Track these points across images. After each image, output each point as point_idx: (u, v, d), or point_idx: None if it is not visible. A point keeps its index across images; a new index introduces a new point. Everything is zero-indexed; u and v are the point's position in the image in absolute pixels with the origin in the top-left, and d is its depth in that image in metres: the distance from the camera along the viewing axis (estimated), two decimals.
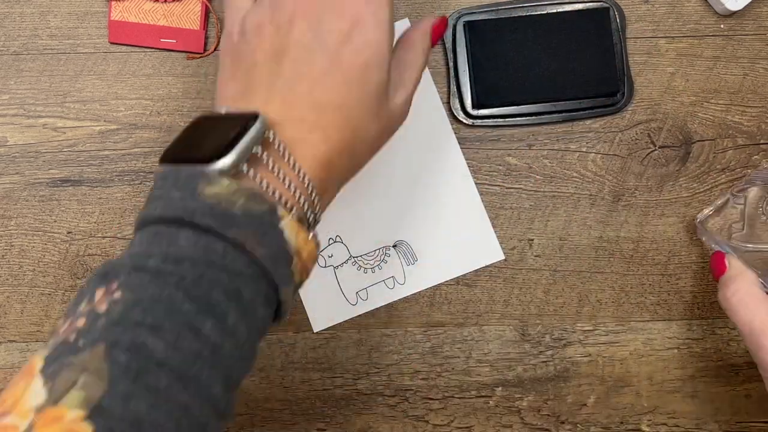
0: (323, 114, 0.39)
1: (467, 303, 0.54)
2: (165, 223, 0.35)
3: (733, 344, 0.54)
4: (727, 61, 0.54)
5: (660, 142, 0.54)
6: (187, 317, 0.33)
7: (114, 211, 0.53)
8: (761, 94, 0.54)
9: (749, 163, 0.54)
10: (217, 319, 0.33)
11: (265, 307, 0.36)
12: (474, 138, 0.53)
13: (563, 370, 0.54)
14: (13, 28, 0.53)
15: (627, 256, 0.54)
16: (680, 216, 0.54)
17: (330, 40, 0.39)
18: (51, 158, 0.52)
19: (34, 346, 0.52)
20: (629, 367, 0.54)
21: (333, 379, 0.53)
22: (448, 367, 0.53)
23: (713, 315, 0.54)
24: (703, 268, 0.54)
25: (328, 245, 0.53)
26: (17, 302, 0.52)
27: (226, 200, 0.35)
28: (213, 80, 0.53)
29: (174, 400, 0.31)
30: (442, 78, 0.53)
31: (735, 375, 0.54)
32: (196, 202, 0.35)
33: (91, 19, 0.53)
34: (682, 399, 0.54)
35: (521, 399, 0.53)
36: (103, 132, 0.53)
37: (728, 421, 0.54)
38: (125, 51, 0.53)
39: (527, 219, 0.54)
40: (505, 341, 0.54)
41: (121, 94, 0.53)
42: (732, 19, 0.54)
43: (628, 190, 0.54)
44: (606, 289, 0.54)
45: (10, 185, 0.52)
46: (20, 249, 0.52)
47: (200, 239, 0.34)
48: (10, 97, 0.52)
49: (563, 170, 0.54)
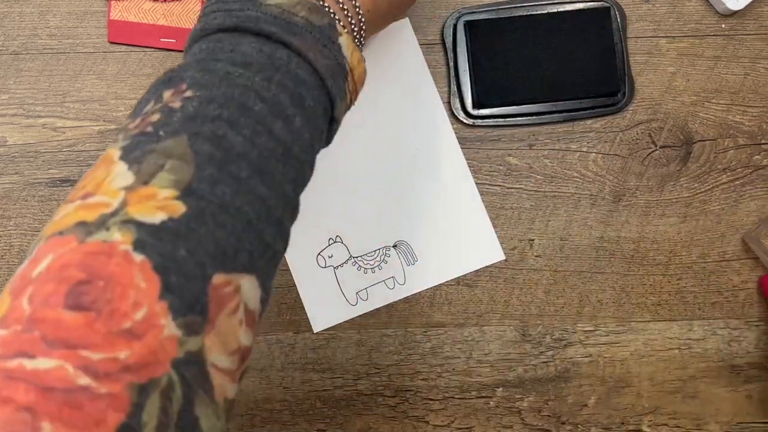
0: None
1: (468, 303, 0.53)
2: (226, 31, 0.36)
3: (734, 345, 0.54)
4: (728, 61, 0.54)
5: (661, 142, 0.54)
6: (260, 116, 0.33)
7: None
8: (762, 94, 0.54)
9: (750, 163, 0.54)
10: (286, 121, 0.34)
11: (323, 118, 0.37)
12: (474, 138, 0.53)
13: (564, 370, 0.53)
14: (12, 27, 0.52)
15: (628, 256, 0.54)
16: (681, 216, 0.54)
17: None
18: (50, 158, 0.52)
19: None
20: (630, 367, 0.54)
21: (333, 379, 0.53)
22: (448, 368, 0.53)
23: (714, 315, 0.54)
24: (704, 268, 0.54)
25: (328, 245, 0.53)
26: None
27: (288, 11, 0.36)
28: None
29: (254, 191, 0.32)
30: (442, 78, 0.53)
31: (736, 376, 0.54)
32: (258, 11, 0.35)
33: (90, 18, 0.53)
34: (683, 399, 0.54)
35: (522, 399, 0.53)
36: (102, 132, 0.52)
37: (729, 421, 0.54)
38: (125, 51, 0.53)
39: (528, 219, 0.53)
40: (506, 342, 0.53)
41: (120, 93, 0.53)
42: (733, 19, 0.54)
43: (629, 190, 0.53)
44: (607, 290, 0.54)
45: (10, 185, 0.52)
46: (19, 249, 0.52)
47: (265, 46, 0.35)
48: (9, 97, 0.52)
49: (564, 170, 0.53)
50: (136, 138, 0.32)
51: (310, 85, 0.35)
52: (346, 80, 0.37)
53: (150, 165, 0.30)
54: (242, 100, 0.33)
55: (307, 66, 0.36)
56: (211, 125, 0.32)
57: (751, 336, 0.54)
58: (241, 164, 0.32)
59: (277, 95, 0.34)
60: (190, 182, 0.30)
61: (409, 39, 0.53)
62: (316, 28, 0.36)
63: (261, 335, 0.52)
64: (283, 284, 0.52)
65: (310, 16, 0.36)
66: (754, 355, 0.54)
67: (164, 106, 0.33)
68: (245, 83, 0.34)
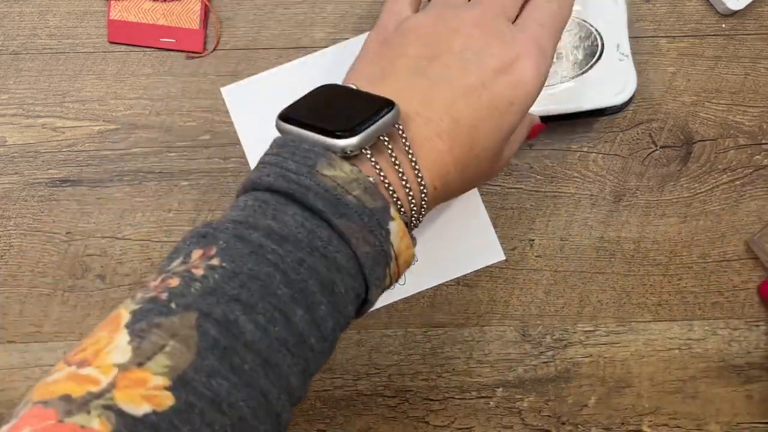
0: (456, 126, 0.38)
1: (468, 303, 0.53)
2: (274, 193, 0.35)
3: (734, 345, 0.54)
4: (728, 61, 0.54)
5: (661, 142, 0.53)
6: (281, 302, 0.32)
7: (113, 211, 0.52)
8: (762, 94, 0.54)
9: (750, 163, 0.54)
10: (308, 310, 0.33)
11: (353, 304, 0.35)
12: None
13: (564, 370, 0.53)
14: (12, 27, 0.52)
15: (628, 256, 0.54)
16: (681, 216, 0.54)
17: (489, 63, 0.39)
18: (50, 158, 0.52)
19: (33, 347, 0.52)
20: (630, 367, 0.54)
21: (333, 379, 0.53)
22: (448, 368, 0.53)
23: (714, 315, 0.54)
24: (704, 268, 0.54)
25: None
26: (16, 303, 0.52)
27: (342, 186, 0.34)
28: (213, 80, 0.53)
29: (254, 384, 0.31)
30: None
31: (736, 376, 0.54)
32: (311, 180, 0.34)
33: (90, 18, 0.53)
34: (683, 400, 0.54)
35: (522, 400, 0.53)
36: (102, 132, 0.52)
37: (729, 422, 0.54)
38: (124, 50, 0.53)
39: (528, 219, 0.53)
40: (506, 342, 0.53)
41: (120, 93, 0.53)
42: (733, 19, 0.54)
43: (629, 190, 0.53)
44: (607, 290, 0.54)
45: (9, 185, 0.52)
46: (19, 249, 0.52)
47: (307, 221, 0.34)
48: (9, 97, 0.52)
49: (564, 170, 0.53)
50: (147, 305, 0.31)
51: (345, 272, 0.34)
52: (388, 266, 0.36)
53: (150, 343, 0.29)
54: (267, 282, 0.32)
55: (347, 251, 0.34)
56: (225, 306, 0.31)
57: (751, 336, 0.54)
58: (247, 356, 0.31)
59: (305, 280, 0.33)
60: (186, 371, 0.29)
61: None
62: (366, 212, 0.34)
63: None
64: None
65: (363, 197, 0.34)
66: (755, 355, 0.54)
67: (187, 271, 0.32)
68: (275, 261, 0.32)
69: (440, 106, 0.38)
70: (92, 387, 0.28)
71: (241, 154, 0.52)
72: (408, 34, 0.40)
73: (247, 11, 0.53)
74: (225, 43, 0.53)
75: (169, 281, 0.32)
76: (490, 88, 0.38)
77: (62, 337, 0.52)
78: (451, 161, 0.38)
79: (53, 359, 0.52)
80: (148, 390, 0.28)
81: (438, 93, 0.38)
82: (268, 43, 0.53)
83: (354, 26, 0.53)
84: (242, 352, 0.30)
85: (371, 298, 0.36)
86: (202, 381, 0.29)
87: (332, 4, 0.53)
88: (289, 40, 0.53)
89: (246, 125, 0.52)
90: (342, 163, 0.34)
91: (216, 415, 0.29)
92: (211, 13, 0.53)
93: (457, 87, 0.38)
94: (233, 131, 0.53)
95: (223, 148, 0.53)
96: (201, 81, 0.53)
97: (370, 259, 0.35)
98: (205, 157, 0.53)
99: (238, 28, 0.53)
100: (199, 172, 0.53)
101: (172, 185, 0.52)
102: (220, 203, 0.52)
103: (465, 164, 0.39)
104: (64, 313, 0.52)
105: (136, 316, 0.31)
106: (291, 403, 0.33)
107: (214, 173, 0.53)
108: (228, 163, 0.53)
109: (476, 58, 0.39)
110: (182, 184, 0.52)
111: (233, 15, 0.53)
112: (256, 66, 0.53)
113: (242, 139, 0.52)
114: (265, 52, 0.53)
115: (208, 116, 0.53)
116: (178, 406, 0.28)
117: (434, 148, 0.37)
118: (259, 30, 0.53)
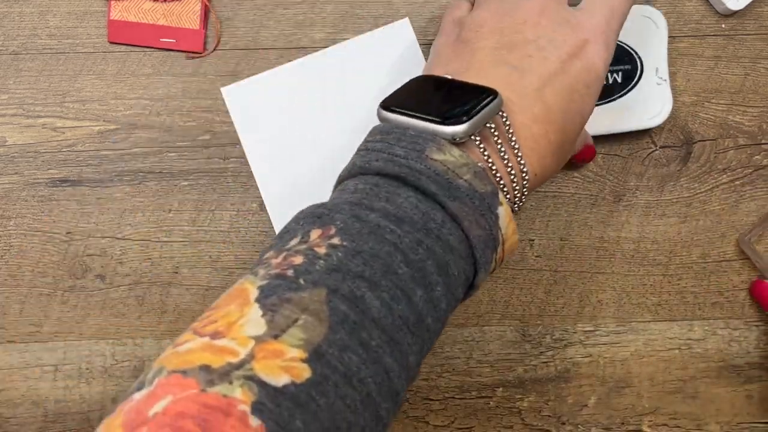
0: (549, 112, 0.39)
1: (468, 303, 0.53)
2: (384, 177, 0.35)
3: (734, 345, 0.54)
4: (728, 61, 0.54)
5: (661, 142, 0.53)
6: (402, 281, 0.32)
7: (113, 211, 0.52)
8: (762, 94, 0.54)
9: (750, 163, 0.54)
10: (427, 290, 0.33)
11: (463, 287, 0.36)
12: None
13: (564, 370, 0.53)
14: (12, 27, 0.52)
15: (628, 256, 0.54)
16: (681, 216, 0.54)
17: (563, 48, 0.40)
18: (50, 158, 0.52)
19: (33, 347, 0.52)
20: (630, 367, 0.54)
21: None
22: (448, 368, 0.53)
23: (714, 315, 0.54)
24: (704, 268, 0.54)
25: None
26: (16, 302, 0.52)
27: (453, 170, 0.34)
28: (213, 80, 0.53)
29: (380, 361, 0.31)
30: None
31: (736, 376, 0.54)
32: (422, 164, 0.34)
33: (90, 18, 0.53)
34: (683, 400, 0.54)
35: (522, 400, 0.53)
36: (102, 132, 0.52)
37: (729, 422, 0.54)
38: (124, 51, 0.53)
39: (528, 219, 0.53)
40: (506, 342, 0.53)
41: (120, 93, 0.53)
42: (733, 19, 0.54)
43: (629, 190, 0.53)
44: (607, 290, 0.54)
45: (9, 185, 0.52)
46: (19, 249, 0.52)
47: (421, 203, 0.34)
48: (9, 97, 0.52)
49: (564, 170, 0.53)
50: (275, 281, 0.31)
51: (458, 254, 0.34)
52: (495, 251, 0.36)
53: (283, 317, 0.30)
54: (388, 261, 0.32)
55: (459, 233, 0.34)
56: (351, 283, 0.31)
57: (751, 336, 0.54)
58: (374, 332, 0.31)
59: (423, 260, 0.33)
60: (320, 344, 0.29)
61: (409, 39, 0.53)
62: (477, 195, 0.34)
63: None
64: None
65: (474, 181, 0.35)
66: (755, 355, 0.54)
67: (309, 249, 0.32)
68: (394, 241, 0.33)
69: (531, 92, 0.39)
70: (231, 358, 0.28)
71: (241, 154, 0.52)
72: (478, 29, 0.41)
73: (247, 11, 0.53)
74: (225, 43, 0.53)
75: (292, 259, 0.32)
76: (569, 72, 0.39)
77: (62, 337, 0.52)
78: (548, 146, 0.39)
79: (53, 359, 0.52)
80: (286, 361, 0.29)
81: (526, 80, 0.39)
82: (268, 43, 0.53)
83: (354, 26, 0.53)
84: (370, 329, 0.31)
85: (478, 282, 0.37)
86: (335, 354, 0.30)
87: (332, 4, 0.53)
88: (289, 40, 0.53)
89: (246, 125, 0.52)
90: (451, 147, 0.35)
91: (348, 389, 0.30)
92: (211, 13, 0.53)
93: (542, 73, 0.39)
94: (233, 131, 0.53)
95: (223, 148, 0.53)
96: (201, 81, 0.53)
97: (481, 242, 0.35)
98: (205, 157, 0.53)
99: (238, 28, 0.53)
100: (199, 172, 0.53)
101: (172, 185, 0.52)
102: (220, 203, 0.53)
103: (560, 148, 0.40)
104: (64, 313, 0.52)
105: (264, 291, 0.31)
106: (408, 381, 0.33)
107: (214, 173, 0.53)
108: (228, 163, 0.53)
109: (551, 45, 0.39)
110: (182, 184, 0.53)
111: (233, 15, 0.53)
112: (256, 66, 0.53)
113: (242, 139, 0.52)
114: (265, 52, 0.53)
115: (208, 116, 0.53)
116: (315, 378, 0.29)
117: (532, 135, 0.38)
118: (259, 30, 0.53)
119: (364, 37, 0.53)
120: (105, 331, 0.52)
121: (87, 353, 0.52)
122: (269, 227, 0.52)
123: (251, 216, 0.53)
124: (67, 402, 0.52)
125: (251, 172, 0.52)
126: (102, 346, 0.52)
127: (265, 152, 0.52)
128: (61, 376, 0.52)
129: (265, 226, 0.52)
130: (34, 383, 0.52)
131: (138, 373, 0.52)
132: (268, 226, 0.52)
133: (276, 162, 0.52)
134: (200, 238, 0.52)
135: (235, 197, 0.53)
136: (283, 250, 0.33)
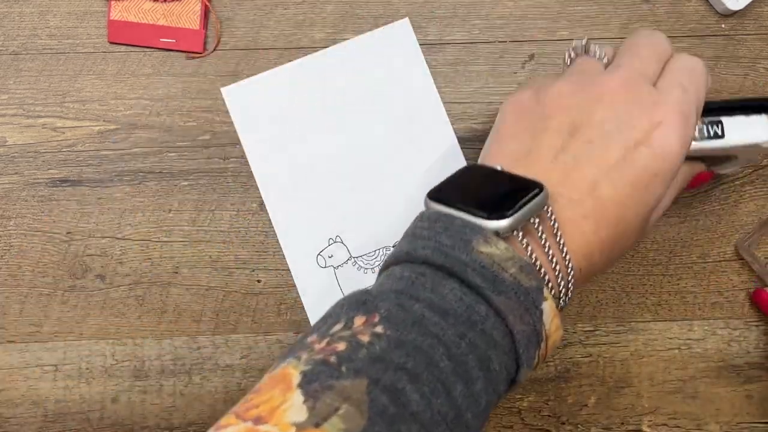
0: (602, 207, 0.37)
1: None
2: (431, 266, 0.35)
3: (734, 345, 0.54)
4: (728, 61, 0.54)
5: None
6: (443, 374, 0.32)
7: (113, 212, 0.52)
8: (762, 94, 0.54)
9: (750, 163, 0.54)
10: (467, 385, 0.33)
11: (504, 383, 0.35)
12: (475, 138, 0.53)
13: (564, 370, 0.53)
14: (12, 27, 0.52)
15: (628, 256, 0.54)
16: (681, 216, 0.54)
17: (631, 135, 0.38)
18: (50, 158, 0.52)
19: (33, 347, 0.52)
20: (630, 367, 0.54)
21: None
22: None
23: (714, 315, 0.54)
24: (704, 268, 0.54)
25: (328, 245, 0.53)
26: (16, 302, 0.52)
27: (499, 264, 0.34)
28: (213, 80, 0.53)
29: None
30: (443, 78, 0.53)
31: (736, 376, 0.54)
32: (468, 256, 0.34)
33: (90, 18, 0.53)
34: (683, 400, 0.54)
35: (522, 399, 0.53)
36: (102, 132, 0.52)
37: (729, 422, 0.54)
38: (124, 51, 0.53)
39: None
40: None
41: (120, 93, 0.53)
42: (733, 19, 0.54)
43: None
44: (606, 290, 0.54)
45: (9, 185, 0.52)
46: (19, 249, 0.52)
47: (466, 296, 0.34)
48: (9, 97, 0.52)
49: None
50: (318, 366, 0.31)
51: (501, 349, 0.34)
52: (538, 347, 0.35)
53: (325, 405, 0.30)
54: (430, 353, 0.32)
55: (503, 328, 0.34)
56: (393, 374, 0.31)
57: (751, 336, 0.54)
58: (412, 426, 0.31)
59: (465, 355, 0.33)
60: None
61: (409, 39, 0.53)
62: (522, 290, 0.34)
63: (261, 335, 0.52)
64: (283, 284, 0.52)
65: (519, 275, 0.34)
66: (754, 355, 0.54)
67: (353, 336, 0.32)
68: (438, 333, 0.32)
69: (584, 186, 0.37)
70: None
71: (241, 154, 0.53)
72: (548, 105, 0.39)
73: (247, 11, 0.53)
74: (225, 43, 0.53)
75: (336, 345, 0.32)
76: (634, 162, 0.37)
77: (62, 337, 0.52)
78: (597, 242, 0.38)
79: (53, 359, 0.52)
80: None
81: (581, 172, 0.37)
82: (268, 43, 0.53)
83: (354, 26, 0.53)
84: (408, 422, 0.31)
85: (520, 378, 0.36)
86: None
87: (332, 4, 0.53)
88: (289, 40, 0.53)
89: (246, 125, 0.52)
90: (497, 240, 0.34)
91: None
92: (211, 13, 0.53)
93: (601, 165, 0.37)
94: (233, 131, 0.53)
95: (223, 148, 0.53)
96: (201, 81, 0.53)
97: (525, 337, 0.34)
98: (205, 157, 0.53)
99: (238, 28, 0.53)
100: (199, 172, 0.53)
101: (172, 185, 0.52)
102: (220, 203, 0.53)
103: (611, 243, 0.38)
104: (64, 313, 0.52)
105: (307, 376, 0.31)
106: None
107: (214, 173, 0.53)
108: (228, 163, 0.53)
109: (617, 131, 0.38)
110: (182, 184, 0.53)
111: (233, 15, 0.53)
112: (256, 66, 0.53)
113: (242, 139, 0.52)
114: (265, 52, 0.53)
115: (208, 116, 0.53)
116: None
117: (579, 230, 0.37)
118: (259, 30, 0.53)
119: (364, 37, 0.53)
120: (105, 331, 0.52)
121: (87, 353, 0.52)
122: (269, 227, 0.52)
123: (251, 216, 0.53)
124: (67, 402, 0.52)
125: (251, 172, 0.52)
126: (102, 346, 0.52)
127: (265, 152, 0.52)
128: (61, 376, 0.52)
129: (265, 226, 0.53)
130: (34, 383, 0.52)
131: (138, 372, 0.52)
132: (268, 226, 0.52)
133: (276, 162, 0.52)
134: (200, 238, 0.52)
135: (235, 197, 0.53)
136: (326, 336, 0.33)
